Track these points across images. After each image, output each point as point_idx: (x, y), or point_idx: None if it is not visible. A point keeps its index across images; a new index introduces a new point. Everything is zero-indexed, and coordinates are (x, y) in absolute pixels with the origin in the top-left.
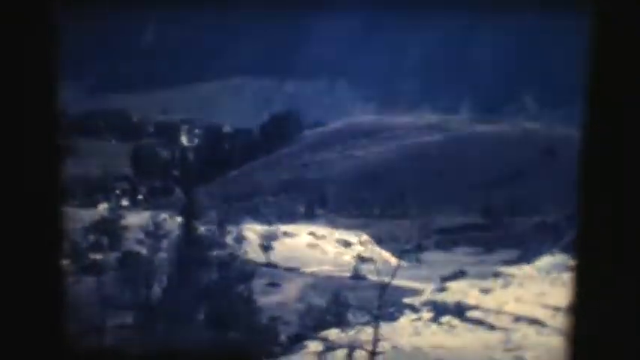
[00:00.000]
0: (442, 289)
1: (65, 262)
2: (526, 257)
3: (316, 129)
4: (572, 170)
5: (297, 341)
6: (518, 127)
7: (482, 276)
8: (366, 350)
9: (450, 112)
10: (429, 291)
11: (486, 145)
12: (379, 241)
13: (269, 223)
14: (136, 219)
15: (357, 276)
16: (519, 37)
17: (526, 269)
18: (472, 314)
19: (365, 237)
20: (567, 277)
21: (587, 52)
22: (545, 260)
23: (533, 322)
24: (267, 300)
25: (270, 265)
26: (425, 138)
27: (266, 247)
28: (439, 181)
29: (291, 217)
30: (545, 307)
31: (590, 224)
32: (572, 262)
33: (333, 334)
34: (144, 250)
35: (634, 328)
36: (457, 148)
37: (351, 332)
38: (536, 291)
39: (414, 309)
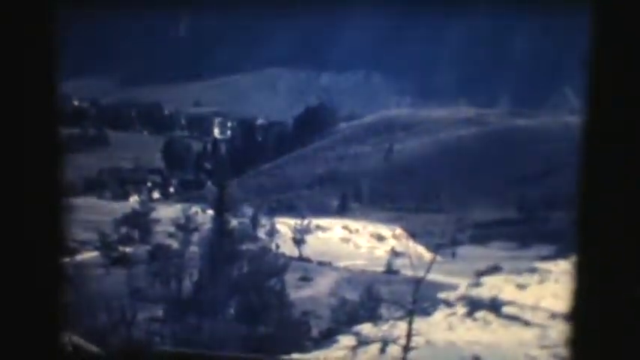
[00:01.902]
0: (477, 284)
1: (94, 254)
2: (563, 253)
3: (351, 122)
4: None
5: (329, 336)
6: (557, 121)
7: (518, 271)
8: (399, 345)
9: (488, 106)
10: (463, 286)
11: (524, 138)
12: (413, 236)
13: (302, 216)
14: (167, 212)
15: (390, 270)
16: (558, 30)
17: (563, 265)
18: (507, 310)
19: (399, 231)
20: None
21: (588, 52)
22: None
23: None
24: (299, 294)
25: (302, 259)
26: (461, 132)
27: (299, 241)
28: (475, 175)
29: (324, 211)
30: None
31: (590, 224)
32: (572, 261)
33: (366, 328)
34: (175, 244)
35: (634, 328)
36: (494, 141)
37: (385, 327)
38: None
39: (448, 304)
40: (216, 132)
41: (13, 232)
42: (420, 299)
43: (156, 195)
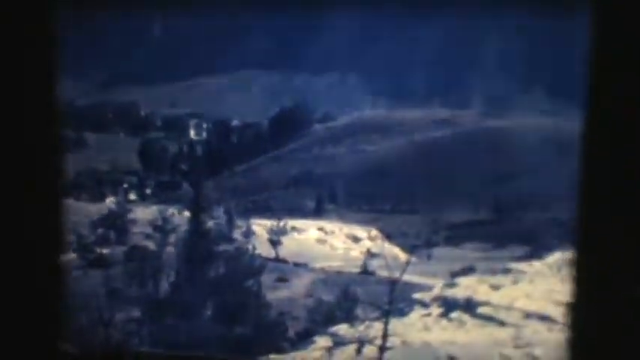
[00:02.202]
0: (452, 285)
1: (71, 256)
2: (536, 253)
3: (326, 123)
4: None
5: (305, 336)
6: (529, 122)
7: (492, 272)
8: (375, 345)
9: (461, 107)
10: (438, 286)
11: (497, 139)
12: (389, 237)
13: (278, 217)
14: (143, 213)
15: (366, 271)
16: (530, 31)
17: (536, 265)
18: (482, 310)
19: (374, 232)
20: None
21: (588, 52)
22: (556, 256)
23: (544, 318)
24: (275, 295)
25: (279, 260)
26: (435, 133)
27: (275, 242)
28: (449, 176)
29: (300, 212)
30: (556, 303)
31: (590, 224)
32: (572, 260)
33: (342, 329)
34: (151, 245)
35: (634, 328)
36: (467, 143)
37: (361, 327)
38: (547, 287)
39: (423, 304)
40: (192, 133)
41: (13, 232)
42: (396, 300)
43: (132, 196)
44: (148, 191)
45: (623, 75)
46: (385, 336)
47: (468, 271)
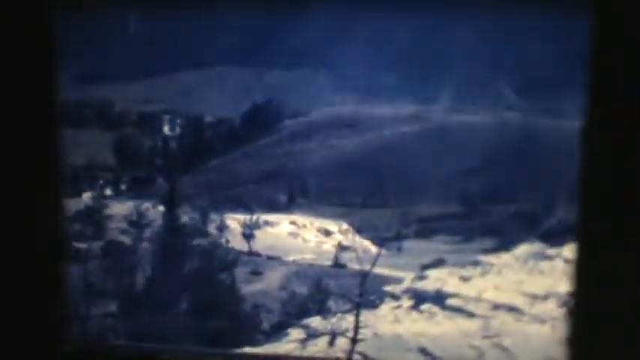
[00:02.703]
0: (422, 277)
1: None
2: (504, 246)
3: (297, 119)
4: (547, 159)
5: (279, 329)
6: (496, 117)
7: (462, 264)
8: (347, 337)
9: (429, 103)
10: (409, 279)
11: (464, 134)
12: (359, 230)
13: (251, 211)
14: (119, 208)
15: (338, 264)
16: (497, 27)
17: (504, 257)
18: (452, 302)
19: (345, 226)
20: (544, 265)
21: (589, 52)
22: (523, 248)
23: (512, 309)
24: (250, 288)
25: (252, 253)
26: (404, 128)
27: (248, 236)
28: (418, 170)
29: (272, 206)
30: (523, 294)
31: (590, 224)
32: (572, 259)
33: (315, 321)
34: (127, 240)
35: (634, 328)
36: (436, 137)
37: (333, 320)
38: (514, 279)
39: (394, 297)
40: (166, 129)
41: (12, 231)
42: (367, 292)
43: (108, 192)
44: (124, 187)
45: (623, 75)
46: (357, 328)
47: (437, 263)
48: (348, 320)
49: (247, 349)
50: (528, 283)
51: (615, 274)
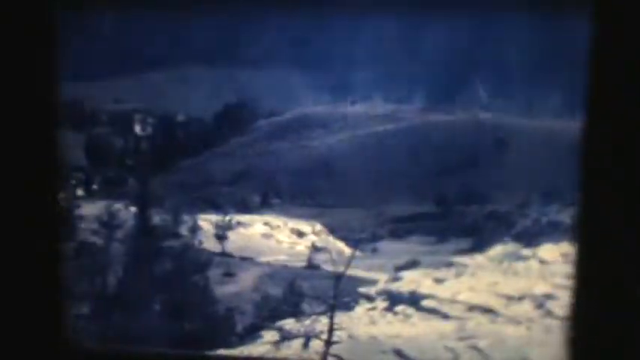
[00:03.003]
0: (397, 279)
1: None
2: (479, 247)
3: (270, 119)
4: (522, 160)
5: (253, 331)
6: (471, 117)
7: (436, 265)
8: (321, 340)
9: (403, 102)
10: (383, 281)
11: (439, 134)
12: (333, 231)
13: (224, 212)
14: (90, 209)
15: (311, 266)
16: (470, 26)
17: (478, 259)
18: (426, 303)
19: (319, 227)
20: (519, 266)
21: (588, 53)
22: (498, 249)
23: (486, 310)
24: (223, 290)
25: (225, 255)
26: (377, 128)
27: (221, 237)
28: (392, 170)
29: (245, 207)
30: (498, 295)
31: (590, 223)
32: (572, 259)
33: (288, 323)
34: (99, 241)
35: (634, 328)
36: (410, 137)
37: (307, 322)
38: (489, 280)
39: (369, 298)
40: (137, 129)
41: (12, 230)
42: (341, 294)
43: (79, 192)
44: (95, 187)
45: (623, 75)
46: (331, 330)
47: (412, 264)
48: (323, 322)
49: (221, 352)
50: (503, 284)
51: (615, 274)
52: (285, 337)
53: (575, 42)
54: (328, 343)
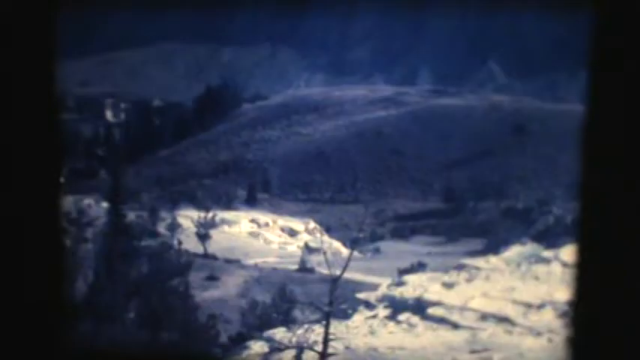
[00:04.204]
0: (400, 283)
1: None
2: (493, 247)
3: (257, 103)
4: (544, 149)
5: (239, 341)
6: (484, 100)
7: (445, 268)
8: (315, 351)
9: (407, 84)
10: (385, 285)
11: (448, 120)
12: (329, 229)
13: (206, 209)
14: None
15: (304, 268)
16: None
17: (493, 261)
18: (434, 311)
19: (313, 224)
20: (540, 269)
21: (588, 51)
22: (515, 251)
23: (502, 320)
24: (205, 295)
25: (208, 256)
26: (379, 113)
27: (203, 236)
28: (395, 161)
29: (230, 203)
30: (515, 303)
31: (590, 224)
32: (571, 260)
33: (279, 333)
34: (66, 240)
35: (634, 328)
36: (415, 124)
37: (299, 331)
38: (505, 285)
39: (368, 305)
40: (109, 114)
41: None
42: (338, 300)
43: None
44: (62, 180)
45: (623, 75)
46: (326, 341)
47: (417, 267)
48: (317, 332)
49: None
50: (521, 290)
51: (615, 274)
52: (275, 348)
53: None
54: (323, 355)
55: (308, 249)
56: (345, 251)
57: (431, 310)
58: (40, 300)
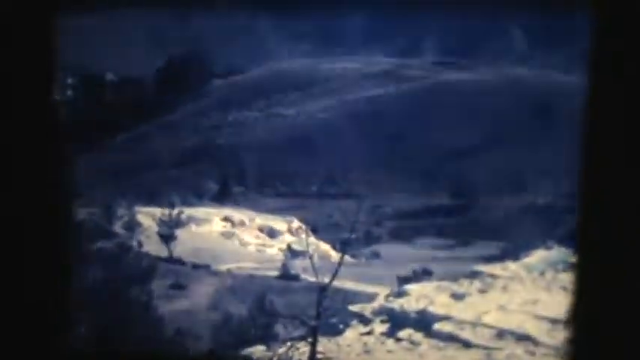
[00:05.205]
0: (400, 294)
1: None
2: (512, 252)
3: (230, 78)
4: (573, 134)
5: None
6: (501, 75)
7: (454, 276)
8: None
9: (410, 55)
10: (382, 296)
11: (458, 99)
12: (315, 229)
13: (170, 205)
14: None
15: (287, 275)
16: None
17: (512, 268)
18: (440, 327)
19: (297, 223)
20: (567, 278)
21: (588, 52)
22: (538, 256)
23: (522, 338)
24: (170, 307)
25: (173, 260)
26: (375, 90)
27: (167, 237)
28: (395, 148)
29: (199, 197)
30: (538, 318)
31: (590, 224)
32: (572, 259)
33: (257, 352)
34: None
35: (634, 328)
36: (418, 103)
37: (281, 350)
38: (526, 297)
39: (363, 319)
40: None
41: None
42: (326, 313)
43: None
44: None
45: (623, 75)
46: None
47: (421, 275)
48: (302, 351)
49: None
50: (545, 303)
51: (615, 275)
52: None
53: None
54: None
55: (291, 252)
56: (334, 255)
57: (437, 326)
58: (39, 300)
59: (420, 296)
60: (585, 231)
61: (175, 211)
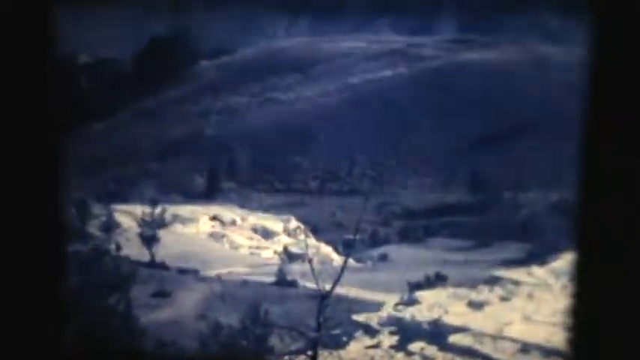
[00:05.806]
0: (411, 302)
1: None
2: (538, 255)
3: (219, 59)
4: None
5: None
6: (529, 53)
7: (472, 283)
8: None
9: (422, 33)
10: (391, 304)
11: (477, 81)
12: (316, 230)
13: (153, 202)
14: None
15: (283, 281)
16: None
17: (538, 273)
18: (457, 340)
19: (294, 223)
20: None
21: (587, 53)
22: (568, 259)
23: (550, 353)
24: (153, 316)
25: (156, 265)
26: (384, 72)
27: (149, 239)
28: (405, 137)
29: (185, 194)
30: (567, 329)
31: (591, 224)
32: (572, 259)
33: None
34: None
35: (634, 328)
36: (433, 85)
37: None
38: (554, 306)
39: (369, 330)
40: None
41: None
42: (328, 323)
43: None
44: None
45: (623, 75)
46: None
47: (434, 281)
48: None
49: None
50: None
51: (615, 275)
52: None
53: None
54: None
55: (288, 255)
56: (337, 258)
57: (453, 339)
58: (38, 300)
59: (433, 305)
60: (585, 231)
61: (158, 210)
